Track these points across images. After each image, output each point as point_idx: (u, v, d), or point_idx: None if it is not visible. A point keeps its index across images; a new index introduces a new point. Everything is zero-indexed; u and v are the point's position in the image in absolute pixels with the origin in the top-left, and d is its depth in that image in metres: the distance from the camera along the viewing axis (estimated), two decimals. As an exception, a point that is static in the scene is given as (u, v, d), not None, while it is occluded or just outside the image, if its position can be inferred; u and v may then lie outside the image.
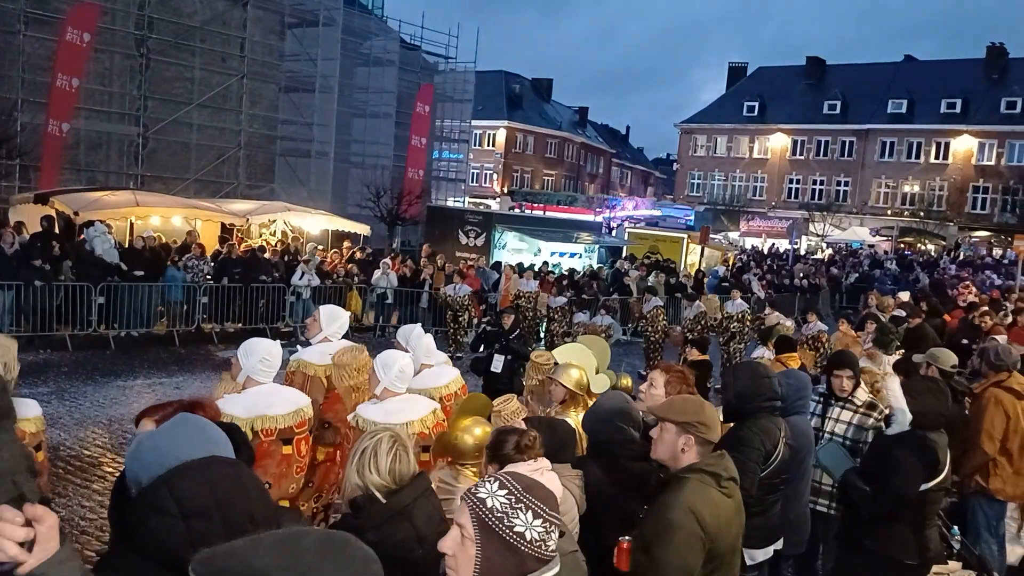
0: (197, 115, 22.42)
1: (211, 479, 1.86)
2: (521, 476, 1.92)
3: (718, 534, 2.94)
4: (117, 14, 20.17)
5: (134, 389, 11.17)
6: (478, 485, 1.86)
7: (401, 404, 4.08)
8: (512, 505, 1.80)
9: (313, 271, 16.47)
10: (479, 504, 1.81)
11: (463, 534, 1.81)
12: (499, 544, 1.77)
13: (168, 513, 1.80)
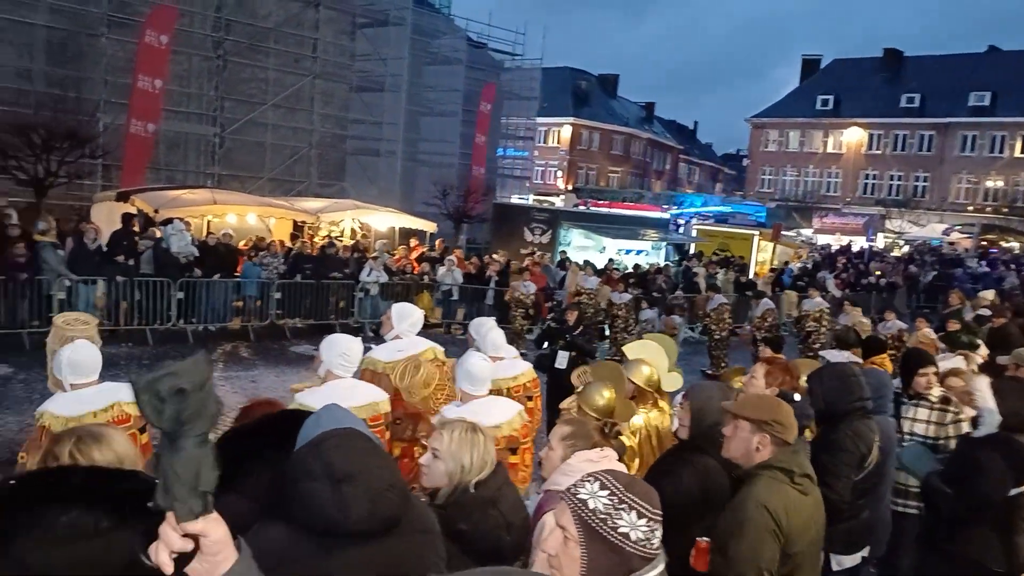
0: (271, 115, 22.94)
1: (354, 447, 2.02)
2: (620, 474, 1.91)
3: (794, 531, 2.88)
4: (195, 17, 20.77)
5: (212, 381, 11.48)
6: (578, 485, 1.83)
7: (486, 407, 4.07)
8: (615, 506, 1.78)
9: (381, 268, 16.69)
10: (581, 506, 1.79)
11: (566, 536, 1.79)
12: (603, 546, 1.76)
13: (316, 476, 1.94)
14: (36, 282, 12.75)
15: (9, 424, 8.57)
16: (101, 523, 1.70)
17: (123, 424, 3.70)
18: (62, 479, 1.82)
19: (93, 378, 3.76)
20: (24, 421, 8.62)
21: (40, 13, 18.44)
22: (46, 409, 3.61)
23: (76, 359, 3.73)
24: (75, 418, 3.55)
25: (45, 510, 1.70)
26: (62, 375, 3.71)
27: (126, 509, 1.73)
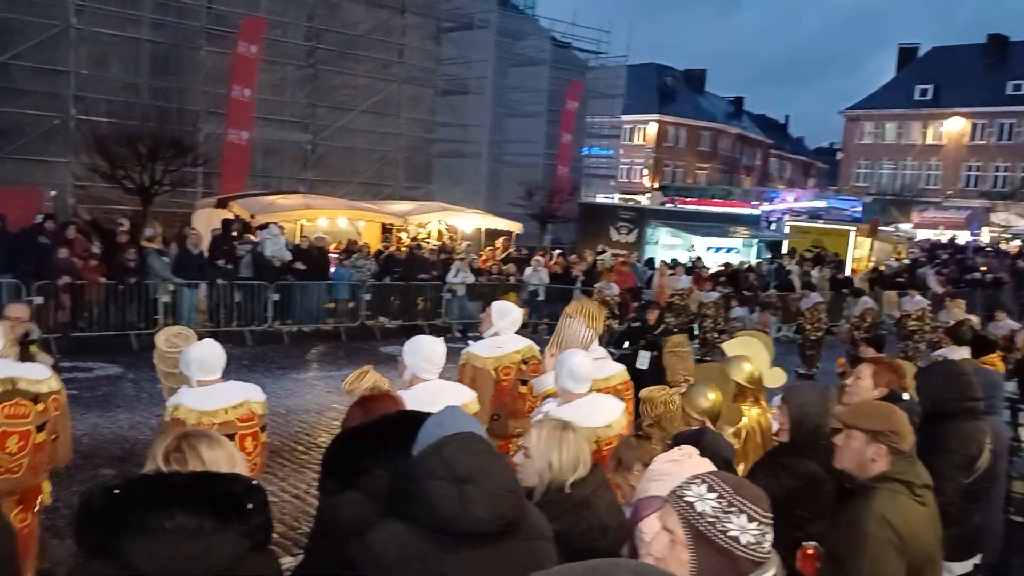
0: (360, 121, 23.45)
1: (476, 450, 2.07)
2: (728, 476, 1.88)
3: (912, 543, 2.77)
4: (288, 27, 21.42)
5: (307, 382, 11.83)
6: (684, 488, 1.81)
7: (591, 405, 4.03)
8: (724, 509, 1.75)
9: (467, 269, 16.86)
10: (688, 509, 1.77)
11: (673, 539, 1.77)
12: (713, 549, 1.73)
13: (440, 476, 2.00)
14: (143, 286, 13.37)
15: (120, 421, 9.01)
16: (205, 525, 1.78)
17: (247, 422, 3.87)
18: (167, 482, 1.91)
19: (218, 376, 3.90)
20: (133, 419, 9.06)
21: (145, 29, 19.34)
22: (180, 402, 3.76)
23: (204, 357, 3.87)
24: (209, 412, 3.71)
25: (152, 512, 1.77)
26: (189, 372, 3.87)
27: (227, 511, 1.82)
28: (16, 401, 3.73)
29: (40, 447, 3.85)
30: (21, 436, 3.74)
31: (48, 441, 3.90)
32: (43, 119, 18.19)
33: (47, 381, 3.90)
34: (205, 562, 1.77)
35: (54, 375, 4.02)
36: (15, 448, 3.72)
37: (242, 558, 1.82)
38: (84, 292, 12.84)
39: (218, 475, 1.98)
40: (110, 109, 18.36)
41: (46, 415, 3.86)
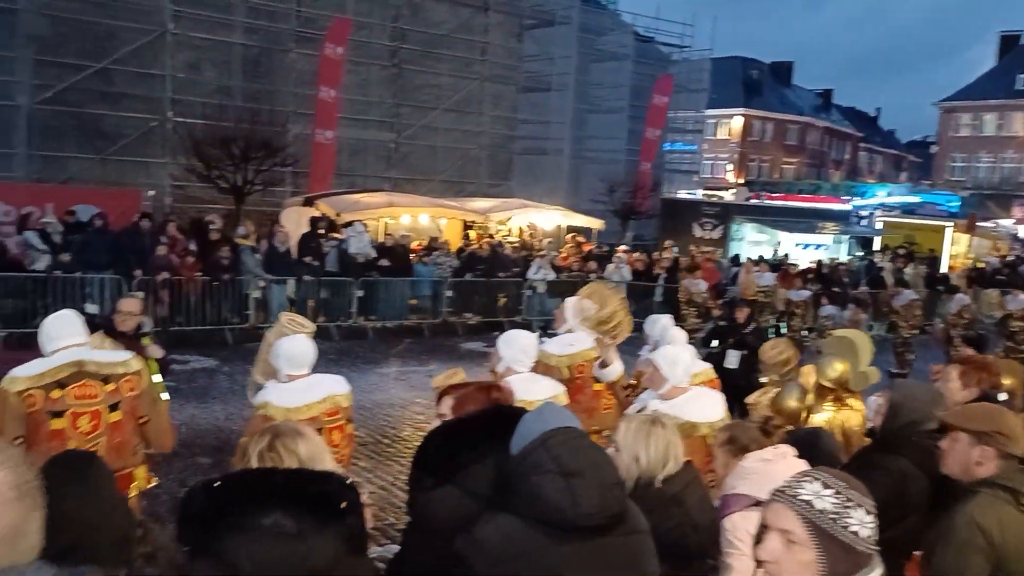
0: (443, 119, 23.70)
1: (581, 444, 2.10)
2: (836, 471, 1.88)
3: (1010, 554, 2.63)
4: (374, 28, 21.80)
5: (391, 376, 12.04)
6: (796, 487, 1.79)
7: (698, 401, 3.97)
8: (843, 504, 1.75)
9: (548, 266, 16.86)
10: (806, 507, 1.75)
11: (789, 539, 1.75)
12: (837, 546, 1.73)
13: (548, 470, 2.03)
14: (236, 282, 13.83)
15: (216, 412, 9.34)
16: (303, 525, 1.76)
17: (333, 416, 3.98)
18: (265, 480, 1.91)
19: (306, 371, 4.01)
20: (228, 410, 9.38)
21: (237, 33, 19.97)
22: (268, 400, 3.88)
23: (293, 351, 3.99)
24: (295, 409, 3.84)
25: (250, 512, 1.77)
26: (278, 365, 3.99)
27: (324, 512, 1.81)
28: (83, 382, 3.91)
29: (117, 427, 3.99)
30: (92, 415, 3.91)
31: (128, 422, 4.04)
32: (142, 122, 18.98)
33: (122, 363, 4.06)
34: (303, 563, 1.75)
35: (133, 358, 4.19)
36: (88, 427, 3.89)
37: (340, 560, 1.80)
38: (181, 288, 13.36)
39: (313, 473, 1.99)
40: (204, 112, 19.03)
41: (117, 395, 4.01)
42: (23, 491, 1.20)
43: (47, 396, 3.80)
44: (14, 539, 1.17)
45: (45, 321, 4.11)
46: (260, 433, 2.46)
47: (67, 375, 3.87)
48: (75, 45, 17.98)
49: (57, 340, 3.98)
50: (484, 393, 2.82)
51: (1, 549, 1.14)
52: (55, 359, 3.93)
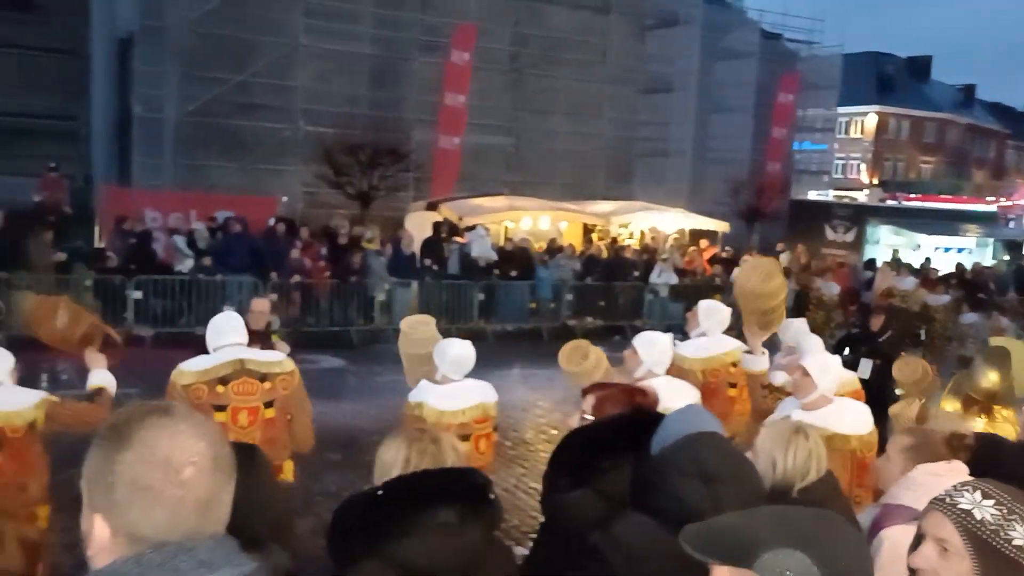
0: (562, 123, 23.69)
1: (724, 450, 2.06)
2: (1000, 484, 1.77)
3: None
4: (494, 33, 22.04)
5: (511, 379, 12.07)
6: (955, 496, 1.72)
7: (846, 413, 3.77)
8: (1005, 517, 1.65)
9: (671, 269, 16.55)
10: (965, 517, 1.68)
11: (945, 547, 1.70)
12: (997, 558, 1.64)
13: (689, 474, 1.99)
14: (362, 285, 14.25)
15: (344, 410, 9.61)
16: (463, 517, 1.92)
17: (482, 423, 4.14)
18: (424, 482, 2.05)
19: (461, 377, 4.17)
20: (356, 408, 9.66)
21: (364, 43, 20.63)
22: (423, 401, 4.03)
23: (461, 356, 4.15)
24: (450, 413, 3.99)
25: (415, 511, 1.91)
26: (443, 367, 4.14)
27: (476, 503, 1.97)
28: (244, 380, 4.16)
29: (270, 423, 4.23)
30: (250, 412, 4.17)
31: (280, 419, 4.27)
32: (276, 131, 19.86)
33: (279, 363, 4.31)
34: (465, 553, 1.91)
35: (287, 359, 4.45)
36: (246, 422, 4.14)
37: (490, 544, 1.98)
38: (311, 290, 13.88)
39: (462, 470, 2.12)
40: (334, 121, 19.75)
41: (273, 393, 4.24)
42: (219, 464, 1.27)
43: (211, 391, 4.08)
44: (207, 508, 1.25)
45: (213, 319, 4.42)
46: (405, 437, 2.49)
47: (229, 372, 4.13)
48: (217, 60, 19.01)
49: (222, 337, 4.26)
50: (627, 395, 2.76)
51: (195, 515, 1.23)
52: (219, 356, 4.20)
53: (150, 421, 1.26)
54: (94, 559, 1.26)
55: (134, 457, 1.22)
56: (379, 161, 17.86)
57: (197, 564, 1.21)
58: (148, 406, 1.31)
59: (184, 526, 1.23)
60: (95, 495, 1.25)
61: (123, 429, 1.25)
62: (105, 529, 1.24)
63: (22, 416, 3.73)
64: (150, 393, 9.79)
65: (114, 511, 1.23)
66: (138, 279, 12.82)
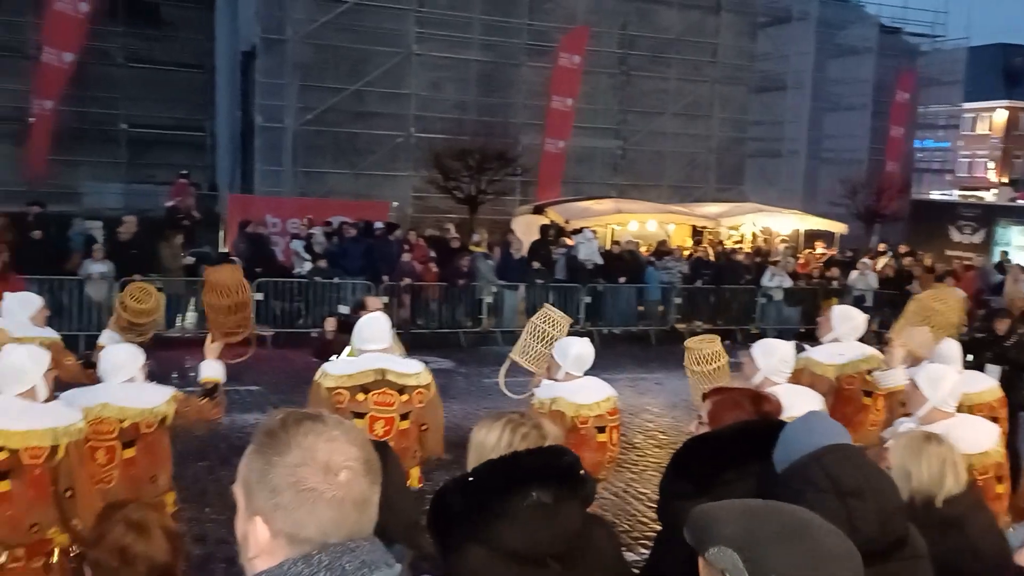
0: (671, 124, 23.41)
1: (860, 463, 1.99)
2: None
3: None
4: (602, 36, 21.99)
5: (619, 383, 11.81)
6: None
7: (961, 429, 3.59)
8: None
9: (784, 272, 16.07)
10: None
11: None
12: None
13: (822, 488, 1.92)
14: (471, 288, 14.45)
15: (454, 411, 9.73)
16: (557, 496, 1.92)
17: (614, 416, 4.35)
18: (517, 464, 2.03)
19: (582, 374, 4.34)
20: (466, 409, 9.81)
21: (473, 50, 20.95)
22: (558, 395, 4.18)
23: (583, 354, 4.33)
24: (587, 405, 4.16)
25: (510, 494, 1.92)
26: (565, 364, 4.32)
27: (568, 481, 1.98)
28: (383, 390, 4.26)
29: (405, 434, 4.32)
30: (387, 422, 4.26)
31: (413, 429, 4.36)
32: (389, 138, 20.42)
33: (416, 375, 4.38)
34: (564, 530, 1.92)
35: (425, 370, 4.52)
36: (381, 432, 4.22)
37: (585, 521, 1.99)
38: (421, 292, 14.17)
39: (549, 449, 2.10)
40: (443, 126, 20.16)
41: (410, 405, 4.34)
42: (370, 467, 1.34)
43: (352, 397, 4.21)
44: (363, 510, 1.32)
45: (361, 322, 4.58)
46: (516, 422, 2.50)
47: (371, 381, 4.26)
48: (334, 70, 19.73)
49: (368, 342, 4.42)
50: (751, 402, 2.68)
51: (353, 516, 1.30)
52: (363, 362, 4.34)
53: (307, 427, 1.32)
54: (255, 561, 1.32)
55: (295, 461, 1.28)
56: (487, 165, 18.11)
57: (360, 564, 1.27)
58: (301, 413, 1.38)
59: (345, 527, 1.29)
60: (256, 498, 1.31)
61: (281, 435, 1.32)
62: (265, 531, 1.29)
63: (155, 412, 3.94)
64: (271, 390, 10.22)
65: (277, 513, 1.28)
66: (259, 281, 13.39)
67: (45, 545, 3.32)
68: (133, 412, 3.85)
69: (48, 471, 3.26)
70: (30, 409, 3.34)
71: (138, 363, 4.07)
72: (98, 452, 3.77)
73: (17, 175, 18.69)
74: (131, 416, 3.84)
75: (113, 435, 3.80)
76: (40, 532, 3.29)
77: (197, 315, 13.52)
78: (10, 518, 3.13)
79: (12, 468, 3.21)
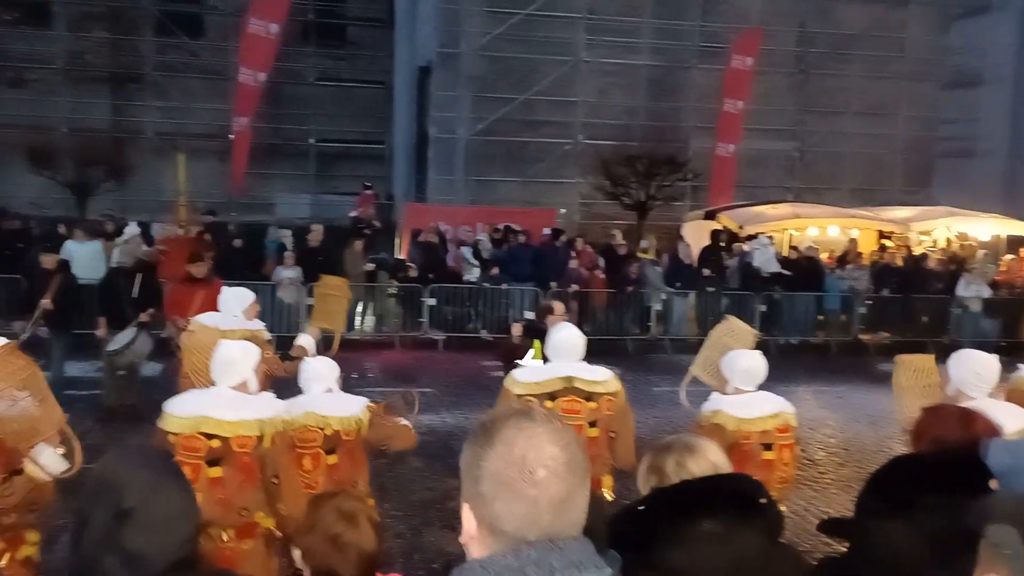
0: (852, 124, 22.28)
1: None
2: None
3: None
4: (778, 35, 21.24)
5: (796, 395, 11.44)
6: None
7: None
8: None
9: (982, 281, 14.81)
10: None
11: None
12: None
13: None
14: (638, 295, 14.30)
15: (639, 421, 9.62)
16: (729, 525, 1.85)
17: (784, 433, 4.08)
18: (688, 491, 2.00)
19: (754, 388, 4.14)
20: (634, 418, 9.65)
21: (643, 54, 20.83)
22: (720, 408, 4.03)
23: (751, 368, 4.13)
24: (748, 420, 3.98)
25: (683, 522, 1.87)
26: (732, 378, 4.15)
27: (744, 509, 1.89)
28: (571, 398, 4.25)
29: (593, 441, 4.29)
30: (575, 429, 4.21)
31: (602, 437, 4.34)
32: (557, 146, 20.65)
33: (604, 383, 4.35)
34: (737, 560, 1.85)
35: (614, 377, 4.46)
36: None
37: (766, 552, 1.90)
38: (588, 299, 14.17)
39: (724, 476, 2.06)
40: (612, 133, 20.14)
41: (597, 413, 4.31)
42: (573, 468, 1.34)
43: (540, 404, 4.19)
44: (562, 510, 1.32)
45: (560, 335, 4.51)
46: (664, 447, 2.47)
47: (559, 388, 4.26)
48: (504, 81, 20.21)
49: (560, 356, 4.40)
50: (957, 420, 2.46)
51: (549, 515, 1.30)
52: (551, 370, 4.37)
53: (512, 422, 1.36)
54: (467, 547, 1.38)
55: (496, 454, 1.32)
56: (656, 171, 17.93)
57: (568, 563, 1.28)
58: (514, 409, 1.42)
59: (540, 524, 1.30)
60: (466, 486, 1.37)
61: (490, 428, 1.36)
62: (472, 519, 1.35)
63: (354, 420, 4.15)
64: (443, 392, 10.54)
65: (479, 502, 1.33)
66: (432, 287, 13.86)
67: (253, 528, 3.59)
68: (335, 420, 4.08)
69: (255, 459, 3.54)
70: (241, 400, 3.63)
71: (335, 375, 4.30)
72: (304, 459, 4.01)
73: (220, 188, 20.41)
74: (333, 424, 4.07)
75: (317, 443, 4.04)
76: (248, 515, 3.56)
77: (375, 319, 14.20)
78: (221, 500, 3.40)
79: (224, 455, 3.50)
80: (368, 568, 2.41)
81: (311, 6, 22.48)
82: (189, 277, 8.54)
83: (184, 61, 22.29)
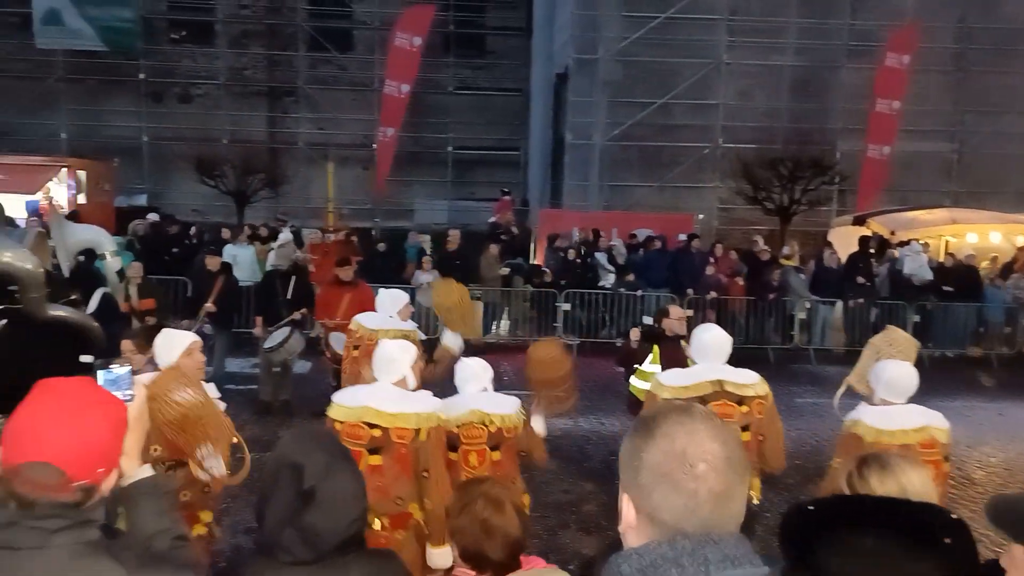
0: (1018, 124, 20.75)
1: None
2: None
3: None
4: (935, 31, 20.08)
5: (952, 410, 10.67)
6: None
7: None
8: None
9: None
10: None
11: None
12: None
13: None
14: (781, 302, 13.85)
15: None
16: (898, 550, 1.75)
17: (929, 448, 3.81)
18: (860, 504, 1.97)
19: (902, 400, 3.94)
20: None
21: (787, 55, 20.18)
22: (860, 419, 3.94)
23: (896, 379, 3.96)
24: (887, 432, 3.80)
25: (845, 532, 1.81)
26: (876, 388, 4.01)
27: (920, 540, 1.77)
28: (722, 402, 4.19)
29: (745, 446, 4.22)
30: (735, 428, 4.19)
31: (753, 442, 4.27)
32: (695, 150, 20.30)
33: (753, 386, 4.28)
34: None
35: (761, 380, 4.41)
36: None
37: None
38: (727, 306, 13.84)
39: (909, 503, 1.96)
40: (753, 136, 19.62)
41: (749, 417, 4.26)
42: (732, 464, 1.37)
43: None
44: (721, 504, 1.34)
45: (703, 335, 4.51)
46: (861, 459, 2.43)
47: (709, 392, 4.22)
48: (641, 85, 20.06)
49: (706, 357, 4.39)
50: None
51: (708, 508, 1.33)
52: (699, 373, 4.34)
53: (673, 417, 1.39)
54: (624, 535, 1.42)
55: (656, 446, 1.35)
56: (800, 174, 17.29)
57: (723, 557, 1.30)
58: (674, 404, 1.46)
59: (698, 516, 1.32)
60: (625, 477, 1.41)
61: (650, 422, 1.40)
62: (631, 509, 1.38)
63: (515, 419, 4.24)
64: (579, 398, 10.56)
65: (639, 493, 1.37)
66: (567, 292, 13.92)
67: (407, 518, 3.76)
68: (497, 418, 4.17)
69: (412, 451, 3.70)
70: (401, 395, 3.82)
71: (489, 375, 4.38)
72: (470, 455, 4.13)
73: (365, 195, 21.28)
74: (496, 422, 4.17)
75: (482, 439, 4.14)
76: (403, 505, 3.74)
77: (510, 323, 14.40)
78: (379, 488, 3.57)
79: (383, 445, 3.69)
80: (514, 552, 2.50)
81: (451, 16, 23.12)
82: (337, 280, 8.85)
83: (334, 75, 23.44)
